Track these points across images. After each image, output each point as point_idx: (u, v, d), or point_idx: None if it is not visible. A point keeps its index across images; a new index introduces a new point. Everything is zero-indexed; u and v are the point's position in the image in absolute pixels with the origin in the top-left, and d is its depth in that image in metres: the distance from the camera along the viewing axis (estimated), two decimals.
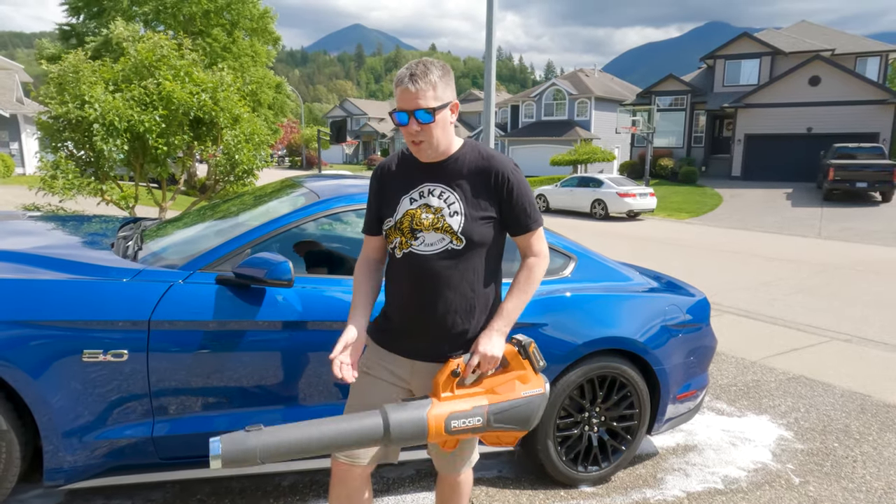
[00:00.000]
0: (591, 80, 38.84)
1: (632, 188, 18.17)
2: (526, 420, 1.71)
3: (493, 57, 7.82)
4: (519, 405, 1.70)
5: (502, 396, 1.70)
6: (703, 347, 3.17)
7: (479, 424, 1.65)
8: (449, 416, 1.62)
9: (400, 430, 1.57)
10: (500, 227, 1.77)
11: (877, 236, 14.79)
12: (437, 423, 1.61)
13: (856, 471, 3.21)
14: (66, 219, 3.55)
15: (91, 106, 5.94)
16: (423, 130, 1.63)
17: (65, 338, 2.06)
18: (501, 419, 1.68)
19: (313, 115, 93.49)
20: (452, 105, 1.68)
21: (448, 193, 1.72)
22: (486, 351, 1.70)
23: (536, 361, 1.75)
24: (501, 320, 1.75)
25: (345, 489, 1.82)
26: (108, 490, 2.57)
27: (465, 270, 1.73)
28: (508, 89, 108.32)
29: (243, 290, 2.29)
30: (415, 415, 1.60)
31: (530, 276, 1.78)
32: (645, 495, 2.87)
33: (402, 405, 1.62)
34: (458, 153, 1.75)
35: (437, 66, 1.64)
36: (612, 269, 3.09)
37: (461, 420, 1.63)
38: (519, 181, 1.74)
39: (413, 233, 1.72)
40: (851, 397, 4.28)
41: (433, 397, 1.66)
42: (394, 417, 1.58)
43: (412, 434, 1.59)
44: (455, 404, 1.65)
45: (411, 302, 1.76)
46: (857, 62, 27.61)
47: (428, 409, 1.62)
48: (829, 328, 6.22)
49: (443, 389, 1.66)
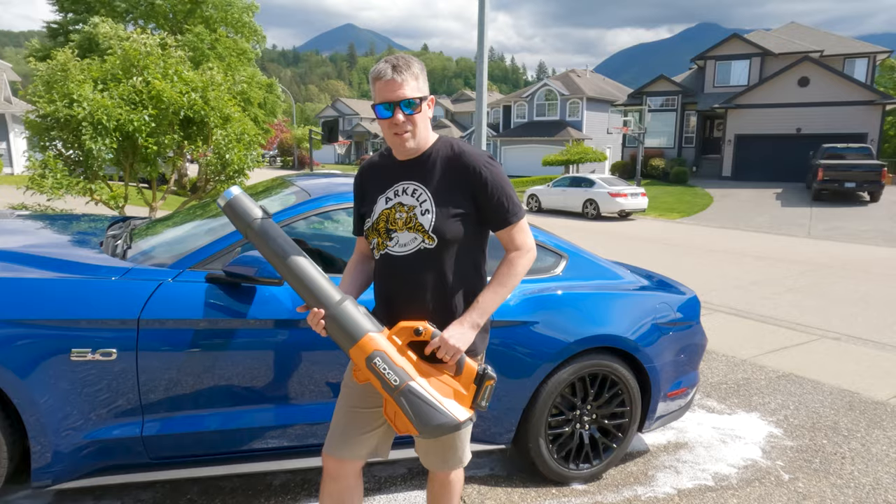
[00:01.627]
0: (582, 80, 38.97)
1: (623, 188, 18.24)
2: (425, 424, 1.63)
3: (484, 57, 7.83)
4: (433, 407, 1.62)
5: (429, 389, 1.64)
6: (693, 345, 3.19)
7: (392, 384, 1.61)
8: (380, 351, 1.61)
9: (342, 316, 1.62)
10: (476, 224, 1.72)
11: (865, 236, 14.93)
12: (367, 345, 1.61)
13: (844, 467, 3.23)
14: (54, 218, 3.51)
15: (79, 104, 5.89)
16: (408, 121, 1.63)
17: (52, 337, 2.04)
18: (410, 403, 1.62)
19: (305, 115, 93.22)
20: (430, 100, 1.69)
21: (421, 191, 1.70)
22: (448, 339, 1.64)
23: (481, 397, 1.68)
24: (475, 313, 1.69)
25: (336, 486, 1.81)
26: (98, 490, 2.55)
27: (440, 271, 1.70)
28: (500, 90, 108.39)
29: (233, 289, 2.28)
30: (361, 321, 1.63)
31: (511, 269, 1.73)
32: (636, 492, 2.88)
33: (364, 312, 1.67)
34: (431, 149, 1.73)
35: (414, 59, 1.67)
36: (603, 268, 3.10)
37: (383, 365, 1.61)
38: (493, 174, 1.69)
39: (388, 233, 1.71)
40: (840, 394, 4.32)
41: (388, 331, 1.67)
42: (346, 306, 1.63)
43: (345, 329, 1.62)
44: (392, 350, 1.63)
45: (390, 304, 1.76)
46: (845, 63, 27.89)
47: (373, 330, 1.64)
48: (819, 326, 6.27)
49: (396, 334, 1.66)
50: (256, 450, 2.39)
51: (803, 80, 24.97)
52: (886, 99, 24.33)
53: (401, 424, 1.68)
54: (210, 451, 2.33)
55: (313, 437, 2.43)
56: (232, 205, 1.71)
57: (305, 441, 2.43)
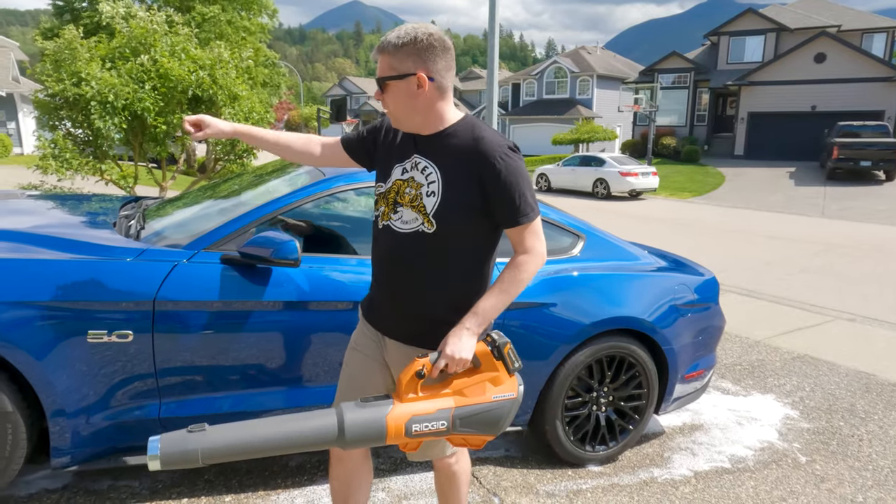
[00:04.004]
0: (592, 57, 38.35)
1: (634, 167, 18.05)
2: (494, 424, 1.58)
3: (495, 33, 7.68)
4: (488, 409, 1.57)
5: (470, 399, 1.56)
6: (711, 327, 3.15)
7: (443, 428, 1.54)
8: (410, 418, 1.51)
9: (355, 432, 1.48)
10: (484, 217, 1.59)
11: (881, 215, 14.72)
12: (397, 426, 1.50)
13: (862, 449, 3.20)
14: (65, 198, 3.50)
15: (87, 83, 5.84)
16: (384, 99, 1.59)
17: (68, 318, 2.03)
18: (468, 423, 1.56)
19: (312, 94, 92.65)
20: (418, 77, 1.52)
21: (431, 170, 1.60)
22: (453, 353, 1.54)
23: (511, 363, 1.59)
24: (474, 319, 1.58)
25: (343, 467, 1.81)
26: (116, 471, 2.56)
27: (435, 258, 1.60)
28: (509, 67, 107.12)
29: (249, 270, 2.25)
30: (372, 416, 1.49)
31: (516, 274, 1.59)
32: (652, 474, 2.87)
33: (361, 405, 1.52)
34: (451, 128, 1.61)
35: (401, 33, 1.53)
36: (620, 248, 3.05)
37: (423, 424, 1.51)
38: (508, 167, 1.54)
39: (395, 206, 1.64)
40: (856, 376, 4.28)
41: (395, 398, 1.54)
42: (349, 418, 1.48)
43: (368, 436, 1.49)
44: (418, 406, 1.52)
45: (383, 278, 1.71)
46: (863, 38, 27.24)
47: (388, 410, 1.51)
48: (833, 307, 6.21)
49: (406, 391, 1.53)
50: None
51: (819, 56, 24.43)
52: None
53: (475, 442, 1.63)
54: None
55: None
56: (165, 460, 1.40)
57: None
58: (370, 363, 1.76)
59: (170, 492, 2.47)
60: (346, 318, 2.31)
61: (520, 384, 1.63)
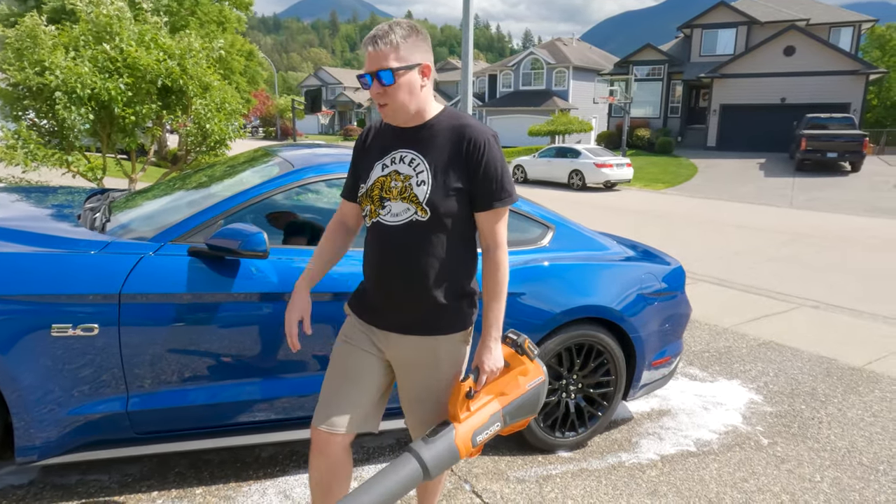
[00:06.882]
0: (569, 49, 38.54)
1: (609, 159, 18.24)
2: (534, 407, 1.84)
3: (470, 24, 7.68)
4: (527, 398, 1.81)
5: (511, 396, 1.78)
6: (678, 315, 3.22)
7: (499, 428, 1.78)
8: (473, 433, 1.72)
9: (436, 465, 1.68)
10: (470, 202, 1.69)
11: (846, 206, 15.15)
12: (466, 444, 1.71)
13: (821, 431, 3.32)
14: (29, 190, 3.42)
15: (52, 72, 5.68)
16: (385, 93, 1.59)
17: (32, 312, 2.00)
18: (515, 415, 1.80)
19: (287, 85, 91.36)
20: (423, 67, 1.61)
21: (418, 161, 1.65)
22: (491, 367, 1.73)
23: (532, 353, 1.81)
24: (492, 331, 1.73)
25: (324, 460, 1.81)
26: (84, 465, 2.54)
27: (430, 245, 1.66)
28: (486, 58, 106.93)
29: (217, 262, 2.24)
30: (444, 447, 1.69)
31: (499, 274, 1.70)
32: (620, 459, 2.94)
33: (429, 441, 1.69)
34: (434, 119, 1.68)
35: (403, 26, 1.58)
36: (589, 238, 3.10)
37: (484, 432, 1.74)
38: (492, 151, 1.64)
39: (381, 201, 1.68)
40: (818, 361, 4.42)
41: (453, 421, 1.72)
42: (428, 457, 1.67)
43: (448, 464, 1.70)
44: (474, 420, 1.73)
45: (379, 274, 1.73)
46: (830, 32, 27.85)
47: (454, 435, 1.70)
48: (799, 295, 6.39)
49: (460, 411, 1.72)
50: (244, 423, 2.38)
51: (789, 49, 24.92)
52: (870, 68, 24.42)
53: (521, 425, 1.86)
54: (197, 426, 2.32)
55: (300, 409, 2.43)
56: None
57: (293, 414, 2.43)
58: (364, 356, 1.79)
59: (139, 485, 2.46)
60: (316, 309, 2.31)
61: (543, 366, 1.86)
